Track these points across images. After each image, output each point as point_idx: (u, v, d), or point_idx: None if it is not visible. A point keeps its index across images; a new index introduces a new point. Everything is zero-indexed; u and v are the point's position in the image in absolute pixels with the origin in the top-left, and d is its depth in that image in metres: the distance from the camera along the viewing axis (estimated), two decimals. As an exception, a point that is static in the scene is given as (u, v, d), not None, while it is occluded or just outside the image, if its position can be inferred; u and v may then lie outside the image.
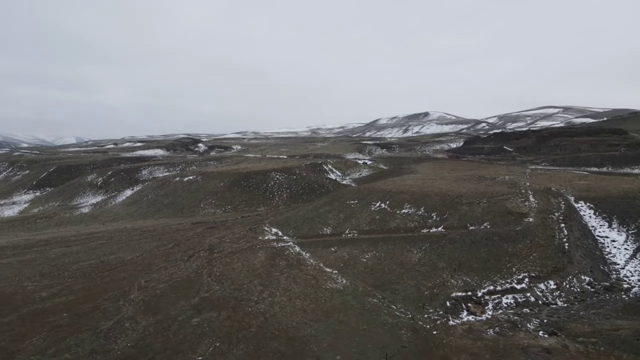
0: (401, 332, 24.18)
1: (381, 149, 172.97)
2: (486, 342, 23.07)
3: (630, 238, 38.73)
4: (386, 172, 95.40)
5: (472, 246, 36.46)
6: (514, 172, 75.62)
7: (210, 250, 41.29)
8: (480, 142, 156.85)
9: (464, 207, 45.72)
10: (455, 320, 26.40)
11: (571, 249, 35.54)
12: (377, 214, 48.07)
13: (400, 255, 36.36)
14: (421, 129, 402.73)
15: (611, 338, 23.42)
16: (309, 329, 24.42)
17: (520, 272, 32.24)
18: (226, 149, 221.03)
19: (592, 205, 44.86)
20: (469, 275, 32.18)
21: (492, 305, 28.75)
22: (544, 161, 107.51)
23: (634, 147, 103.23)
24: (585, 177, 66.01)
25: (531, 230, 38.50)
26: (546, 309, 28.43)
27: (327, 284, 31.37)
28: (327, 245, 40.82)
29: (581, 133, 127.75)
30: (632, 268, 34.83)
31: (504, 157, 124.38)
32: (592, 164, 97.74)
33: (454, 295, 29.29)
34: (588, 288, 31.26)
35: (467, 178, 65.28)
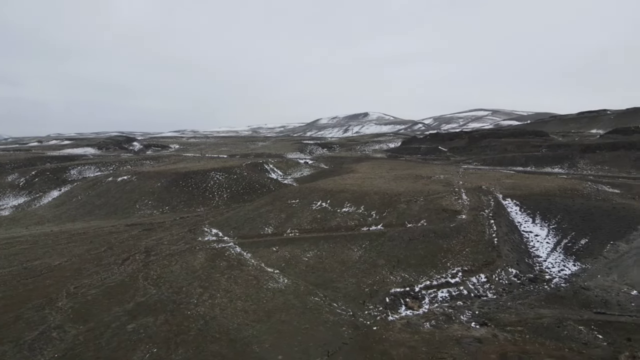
0: (342, 329, 24.53)
1: (322, 149, 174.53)
2: (423, 335, 23.95)
3: (551, 232, 41.77)
4: (327, 172, 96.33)
5: (410, 243, 37.71)
6: (448, 171, 79.05)
7: (146, 253, 39.70)
8: (417, 143, 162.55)
9: (402, 205, 47.19)
10: (394, 316, 27.18)
11: (500, 244, 37.77)
12: (318, 213, 48.42)
13: (341, 254, 36.88)
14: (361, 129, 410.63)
15: (535, 326, 25.15)
16: (251, 330, 24.16)
17: (454, 267, 33.80)
18: (163, 147, 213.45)
19: (518, 203, 47.89)
20: (407, 271, 33.26)
21: (429, 300, 29.91)
22: (475, 161, 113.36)
23: (554, 148, 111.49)
24: (512, 176, 70.35)
25: (464, 226, 40.47)
26: (478, 301, 30.01)
27: (268, 284, 31.18)
28: (268, 245, 40.57)
29: (508, 135, 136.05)
30: (553, 260, 37.60)
31: (439, 156, 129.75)
32: (517, 163, 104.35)
33: (393, 291, 30.15)
34: (515, 280, 33.36)
35: (405, 177, 67.40)
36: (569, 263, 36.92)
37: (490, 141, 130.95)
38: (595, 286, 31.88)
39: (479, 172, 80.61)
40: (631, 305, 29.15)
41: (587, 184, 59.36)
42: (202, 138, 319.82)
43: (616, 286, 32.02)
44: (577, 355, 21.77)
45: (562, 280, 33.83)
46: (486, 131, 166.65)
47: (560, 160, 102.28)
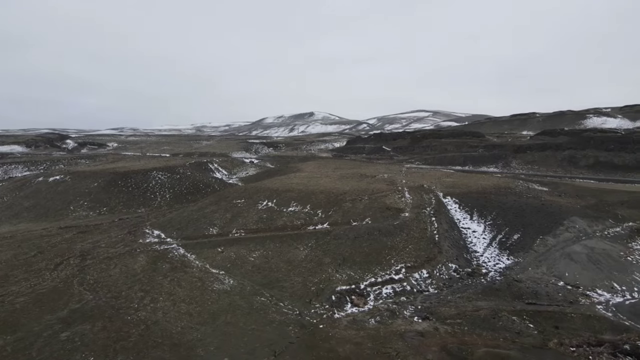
0: (289, 328, 24.51)
1: (268, 148, 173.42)
2: (368, 332, 24.44)
3: (487, 229, 43.98)
4: (273, 171, 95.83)
5: (355, 241, 38.33)
6: (392, 170, 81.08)
7: (82, 257, 37.66)
8: (362, 142, 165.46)
9: (348, 204, 47.87)
10: (340, 313, 27.52)
11: (441, 240, 39.28)
12: (264, 213, 48.07)
13: (288, 253, 36.84)
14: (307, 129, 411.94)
15: (473, 318, 26.40)
16: (195, 333, 23.57)
17: (398, 264, 34.75)
18: (100, 146, 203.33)
19: (457, 200, 50.00)
20: (352, 269, 33.77)
21: (374, 296, 30.55)
22: (417, 160, 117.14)
23: (490, 148, 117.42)
24: (452, 175, 73.33)
25: (407, 224, 41.70)
26: (420, 296, 31.05)
27: (213, 285, 30.56)
28: (213, 246, 39.77)
29: (447, 135, 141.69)
30: (489, 255, 39.61)
31: (383, 156, 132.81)
32: (456, 163, 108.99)
33: (339, 289, 30.51)
34: (454, 275, 34.82)
35: (350, 176, 68.40)
36: (504, 257, 39.04)
37: (431, 141, 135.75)
38: (527, 278, 33.94)
39: (421, 171, 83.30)
40: (558, 295, 31.29)
41: (519, 182, 63.05)
42: (143, 136, 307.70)
43: (545, 278, 34.26)
44: (511, 344, 23.06)
45: (497, 274, 35.72)
46: (427, 132, 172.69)
47: (495, 160, 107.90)
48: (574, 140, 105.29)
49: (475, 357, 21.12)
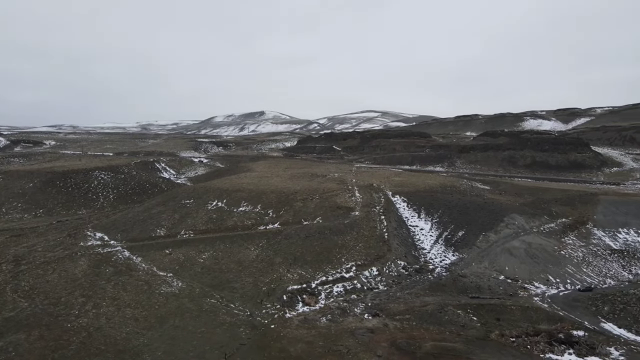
0: (240, 329, 24.22)
1: (217, 147, 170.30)
2: (320, 330, 24.59)
3: (434, 226, 45.49)
4: (223, 171, 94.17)
5: (307, 240, 38.45)
6: (342, 169, 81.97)
7: (15, 262, 35.33)
8: (313, 142, 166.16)
9: (299, 203, 47.94)
10: (292, 313, 27.51)
11: (390, 238, 40.20)
12: (214, 213, 47.20)
13: (238, 254, 36.38)
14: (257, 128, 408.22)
15: (421, 313, 27.23)
16: (142, 338, 22.76)
17: (349, 262, 35.21)
18: (36, 144, 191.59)
19: (406, 199, 51.33)
20: (303, 268, 33.86)
21: (325, 295, 30.78)
22: (367, 160, 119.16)
23: (436, 148, 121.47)
24: (400, 174, 75.19)
25: (357, 222, 42.34)
26: (370, 293, 31.62)
27: (161, 288, 29.63)
28: (161, 248, 38.56)
29: (396, 135, 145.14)
30: (435, 251, 40.98)
31: (333, 155, 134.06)
32: (405, 162, 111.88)
33: (290, 288, 30.50)
34: (403, 272, 35.75)
35: (301, 176, 68.49)
36: (449, 253, 40.52)
37: (380, 141, 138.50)
38: (471, 273, 35.43)
39: (371, 170, 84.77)
40: (500, 289, 32.89)
41: (463, 181, 65.64)
42: (84, 134, 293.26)
43: (487, 272, 35.91)
44: (456, 337, 23.98)
45: (443, 270, 37.03)
46: (377, 132, 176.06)
47: (441, 159, 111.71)
48: (513, 141, 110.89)
49: (423, 351, 21.79)
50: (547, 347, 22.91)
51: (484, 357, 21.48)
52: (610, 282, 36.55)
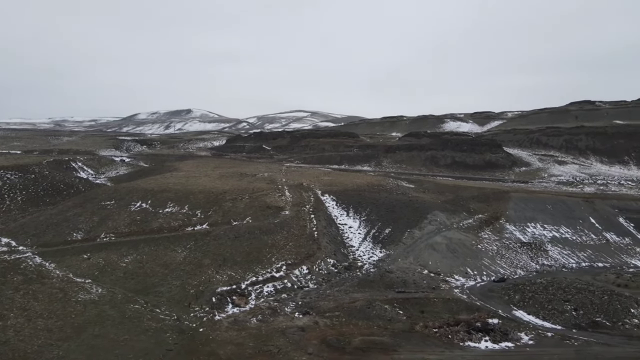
0: (166, 335, 23.32)
1: (141, 146, 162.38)
2: (250, 331, 24.34)
3: (362, 224, 46.73)
4: (147, 170, 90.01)
5: (236, 241, 37.89)
6: (272, 169, 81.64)
7: None
8: (242, 141, 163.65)
9: (228, 203, 47.10)
10: (221, 315, 26.98)
11: (320, 237, 40.71)
12: (137, 215, 45.07)
13: (164, 256, 35.03)
14: (184, 126, 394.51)
15: (350, 310, 27.86)
16: (56, 350, 21.15)
17: (279, 261, 35.18)
18: None
19: (335, 198, 52.24)
20: (233, 269, 33.33)
21: (255, 295, 30.53)
22: (297, 159, 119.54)
23: (364, 148, 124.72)
24: (329, 173, 76.36)
25: (287, 222, 42.42)
26: (301, 292, 31.84)
27: (78, 295, 27.72)
28: (78, 253, 36.09)
29: (325, 135, 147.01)
30: (364, 249, 42.12)
31: (263, 155, 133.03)
32: (334, 162, 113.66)
33: (220, 290, 29.90)
34: (333, 269, 36.37)
35: (230, 175, 67.27)
36: (377, 250, 41.85)
37: (310, 141, 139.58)
38: (397, 269, 36.85)
39: (301, 169, 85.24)
40: (423, 282, 34.54)
41: (389, 180, 68.01)
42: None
43: (412, 267, 37.56)
44: (384, 331, 24.85)
45: (371, 266, 38.17)
46: (306, 131, 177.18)
47: (368, 159, 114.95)
48: (435, 142, 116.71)
49: (352, 346, 22.33)
50: (466, 336, 24.43)
51: (410, 348, 22.45)
52: (521, 272, 39.72)
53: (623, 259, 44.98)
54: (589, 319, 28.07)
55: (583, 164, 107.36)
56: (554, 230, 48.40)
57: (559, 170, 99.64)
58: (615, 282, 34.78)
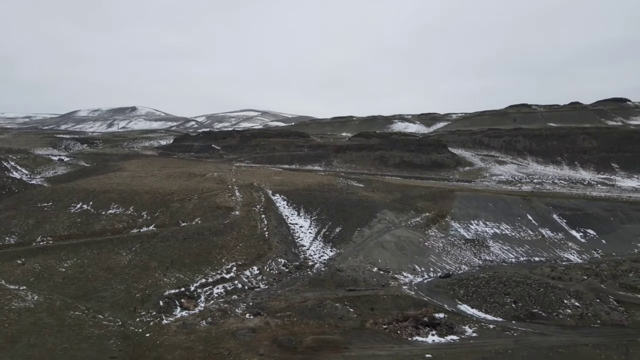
0: (110, 342, 22.34)
1: (82, 144, 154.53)
2: (199, 334, 23.80)
3: (313, 223, 46.92)
4: (89, 170, 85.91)
5: (185, 242, 36.94)
6: (222, 169, 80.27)
7: None
8: (190, 140, 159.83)
9: (176, 204, 45.83)
10: (169, 318, 26.22)
11: (270, 237, 40.48)
12: (78, 217, 42.91)
13: (108, 260, 33.55)
14: (128, 124, 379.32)
15: (301, 309, 27.90)
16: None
17: (229, 262, 34.65)
18: None
19: (286, 197, 52.13)
20: (181, 271, 32.48)
21: (205, 297, 29.90)
22: (247, 159, 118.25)
23: (314, 148, 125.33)
24: (280, 173, 76.11)
25: (238, 222, 41.85)
26: (251, 292, 31.52)
27: (12, 303, 25.98)
28: (11, 258, 33.85)
29: (276, 135, 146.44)
30: (314, 248, 42.30)
31: (212, 155, 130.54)
32: (284, 161, 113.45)
33: (167, 293, 29.03)
34: (284, 269, 36.28)
35: (178, 175, 65.51)
36: (328, 249, 42.16)
37: (260, 140, 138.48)
38: (348, 267, 37.31)
39: (251, 169, 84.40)
40: (373, 280, 35.18)
41: (340, 179, 68.75)
42: None
43: (362, 265, 38.15)
44: (335, 329, 25.09)
45: (322, 265, 38.41)
46: (256, 131, 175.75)
47: (319, 158, 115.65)
48: (384, 142, 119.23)
49: (304, 346, 22.38)
50: (414, 331, 25.15)
51: (360, 345, 22.81)
52: (465, 268, 41.40)
53: (557, 253, 47.94)
54: (527, 310, 29.67)
55: (521, 164, 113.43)
56: (495, 227, 50.78)
57: (500, 170, 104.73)
58: (550, 275, 36.93)
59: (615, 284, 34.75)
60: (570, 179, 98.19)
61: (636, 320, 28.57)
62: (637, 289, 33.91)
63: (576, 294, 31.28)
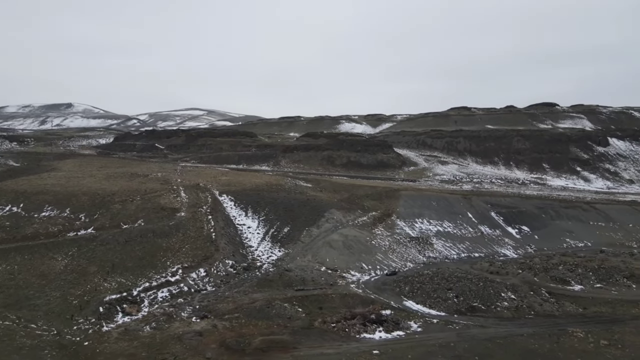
0: (44, 352, 21.06)
1: (10, 142, 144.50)
2: (143, 340, 22.94)
3: (261, 224, 46.53)
4: (19, 170, 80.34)
5: (127, 245, 35.46)
6: (166, 169, 77.85)
7: None
8: (132, 139, 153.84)
9: (117, 205, 43.91)
10: (110, 325, 25.07)
11: (218, 238, 39.71)
12: (7, 220, 40.09)
13: (41, 265, 31.56)
14: (64, 122, 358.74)
15: (249, 310, 27.59)
16: None
17: (174, 265, 33.63)
18: None
19: (233, 198, 51.34)
20: (123, 275, 31.15)
21: (149, 302, 28.84)
22: (193, 159, 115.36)
23: (262, 147, 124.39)
24: (227, 173, 74.87)
25: (183, 224, 40.72)
26: (198, 295, 30.78)
27: None
28: None
29: (223, 134, 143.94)
30: (262, 248, 41.96)
31: (156, 154, 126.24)
32: (232, 161, 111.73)
33: (108, 298, 27.73)
34: (231, 270, 35.73)
35: (119, 175, 62.81)
36: (276, 249, 41.96)
37: (206, 140, 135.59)
38: (296, 267, 37.31)
39: (197, 169, 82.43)
40: (321, 279, 35.40)
41: (288, 179, 68.67)
42: None
43: (311, 265, 38.30)
44: (284, 329, 25.01)
45: (270, 266, 38.17)
46: (203, 130, 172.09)
47: (267, 158, 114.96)
48: (331, 142, 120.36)
49: (252, 347, 22.15)
50: (362, 328, 25.57)
51: (309, 344, 22.89)
52: (410, 265, 42.64)
53: (495, 249, 50.47)
54: (468, 304, 31.02)
55: (462, 164, 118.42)
56: (438, 225, 52.68)
57: (442, 170, 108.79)
58: (488, 269, 38.82)
59: (547, 277, 37.05)
60: (507, 178, 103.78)
61: (566, 310, 30.62)
62: (566, 281, 36.36)
63: (512, 287, 33.07)
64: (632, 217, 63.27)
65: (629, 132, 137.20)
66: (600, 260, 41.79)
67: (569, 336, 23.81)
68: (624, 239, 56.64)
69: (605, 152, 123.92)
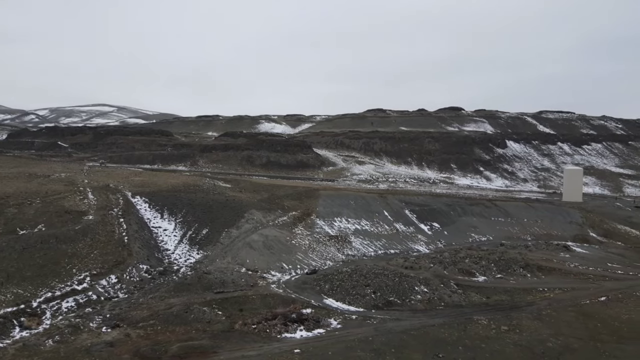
0: None
1: None
2: (44, 355, 21.07)
3: (178, 226, 44.84)
4: None
5: (25, 252, 32.32)
6: (71, 169, 72.26)
7: None
8: (30, 136, 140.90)
9: (12, 209, 39.87)
10: (6, 341, 22.72)
11: (130, 242, 37.58)
12: None
13: None
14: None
15: (166, 316, 26.45)
16: None
17: (81, 272, 31.27)
18: None
19: (147, 200, 48.91)
20: (21, 285, 28.38)
21: (51, 313, 26.57)
22: (101, 158, 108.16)
23: (178, 147, 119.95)
24: (140, 173, 71.18)
25: (91, 228, 38.00)
26: (108, 303, 28.89)
27: None
28: None
29: (135, 133, 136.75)
30: (180, 251, 40.46)
31: (58, 153, 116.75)
32: (145, 161, 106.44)
33: (3, 312, 25.11)
34: (146, 276, 33.99)
35: (14, 176, 57.09)
36: (194, 252, 40.66)
37: (117, 138, 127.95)
38: (215, 269, 36.41)
39: (107, 170, 77.47)
40: (242, 281, 34.91)
41: (206, 180, 66.83)
42: None
43: (230, 267, 37.61)
44: (203, 334, 24.31)
45: (188, 269, 36.89)
46: (113, 128, 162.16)
47: (183, 158, 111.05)
48: (251, 142, 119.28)
49: (169, 354, 21.26)
50: (283, 328, 25.62)
51: (229, 347, 22.47)
52: (330, 263, 43.47)
53: (409, 245, 53.10)
54: (385, 299, 32.29)
55: (378, 164, 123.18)
56: (356, 223, 54.28)
57: (360, 170, 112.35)
58: (403, 265, 40.69)
59: (455, 270, 39.67)
60: (419, 178, 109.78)
61: (471, 300, 33.02)
62: (472, 273, 39.19)
63: (425, 281, 34.98)
64: (527, 212, 69.87)
65: (523, 136, 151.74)
66: (501, 253, 45.57)
67: (474, 324, 25.70)
68: (520, 233, 62.50)
69: (503, 154, 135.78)
